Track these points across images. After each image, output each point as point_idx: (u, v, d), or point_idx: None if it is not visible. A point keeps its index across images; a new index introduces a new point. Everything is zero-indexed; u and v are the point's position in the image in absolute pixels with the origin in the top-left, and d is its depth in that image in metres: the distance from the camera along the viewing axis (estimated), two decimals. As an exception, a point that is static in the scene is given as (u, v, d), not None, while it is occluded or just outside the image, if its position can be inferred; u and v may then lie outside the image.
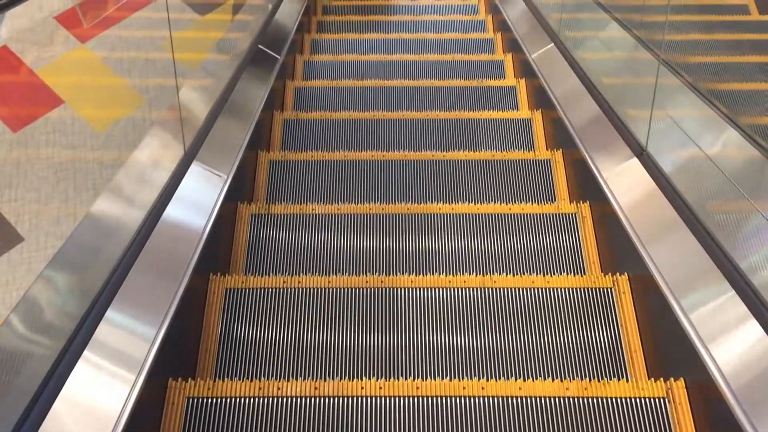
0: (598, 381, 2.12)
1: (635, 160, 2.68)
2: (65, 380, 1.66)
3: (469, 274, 2.71)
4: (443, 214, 2.97)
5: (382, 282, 2.56)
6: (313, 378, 2.29)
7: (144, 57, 2.52)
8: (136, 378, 1.83)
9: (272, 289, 2.53)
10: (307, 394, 2.08)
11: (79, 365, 1.71)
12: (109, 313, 1.89)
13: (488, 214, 2.97)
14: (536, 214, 2.96)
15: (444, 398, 2.07)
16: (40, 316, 1.73)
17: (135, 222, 2.22)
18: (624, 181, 2.70)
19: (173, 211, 2.39)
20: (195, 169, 2.67)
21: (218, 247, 2.72)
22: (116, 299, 1.94)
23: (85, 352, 1.75)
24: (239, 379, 2.23)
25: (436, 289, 2.52)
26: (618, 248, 2.63)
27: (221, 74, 3.40)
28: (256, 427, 2.03)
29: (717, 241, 2.08)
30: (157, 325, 2.02)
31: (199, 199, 2.63)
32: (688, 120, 2.49)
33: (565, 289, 2.52)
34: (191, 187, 2.58)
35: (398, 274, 2.72)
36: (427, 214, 2.98)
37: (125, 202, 2.26)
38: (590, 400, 2.06)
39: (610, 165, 2.84)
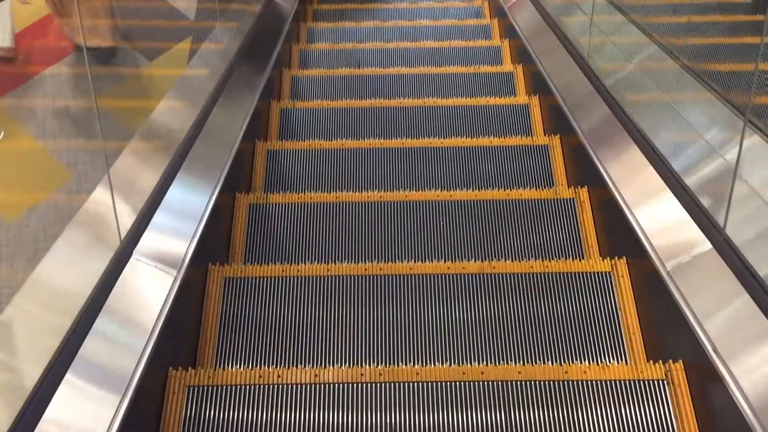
0: (598, 364, 2.13)
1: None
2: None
3: (468, 260, 2.71)
4: (442, 201, 2.97)
5: (381, 269, 2.56)
6: (313, 365, 2.30)
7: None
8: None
9: (271, 277, 2.53)
10: (308, 382, 2.09)
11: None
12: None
13: (486, 201, 2.97)
14: (535, 200, 2.96)
15: (444, 383, 2.08)
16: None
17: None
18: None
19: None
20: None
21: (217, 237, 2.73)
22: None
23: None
24: (239, 367, 2.24)
25: (436, 276, 2.52)
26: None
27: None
28: (257, 415, 2.04)
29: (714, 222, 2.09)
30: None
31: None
32: None
33: (563, 273, 2.52)
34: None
35: (397, 261, 2.72)
36: (426, 201, 2.97)
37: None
38: (590, 383, 2.06)
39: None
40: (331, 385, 2.08)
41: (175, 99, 2.89)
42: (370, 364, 2.30)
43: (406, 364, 2.27)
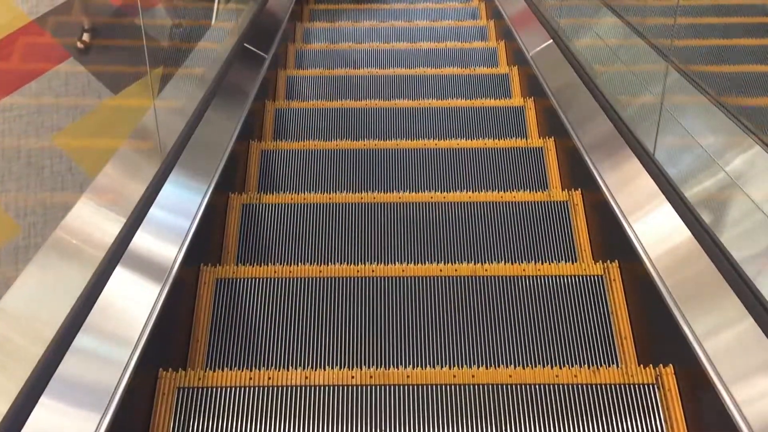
0: (588, 368, 2.12)
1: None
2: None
3: (461, 262, 2.71)
4: (435, 203, 2.97)
5: (373, 271, 2.55)
6: (303, 367, 2.29)
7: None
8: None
9: (263, 278, 2.53)
10: (298, 383, 2.08)
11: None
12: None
13: (480, 203, 2.96)
14: (528, 202, 2.95)
15: (435, 387, 2.07)
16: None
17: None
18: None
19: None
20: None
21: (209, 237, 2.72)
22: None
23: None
24: (230, 369, 2.23)
25: (428, 278, 2.52)
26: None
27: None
28: (246, 417, 2.03)
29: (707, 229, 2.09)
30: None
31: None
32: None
33: (556, 276, 2.52)
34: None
35: (390, 263, 2.72)
36: (420, 203, 2.97)
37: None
38: (580, 386, 2.06)
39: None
40: (322, 387, 2.07)
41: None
42: (360, 367, 2.29)
43: (397, 367, 2.27)
